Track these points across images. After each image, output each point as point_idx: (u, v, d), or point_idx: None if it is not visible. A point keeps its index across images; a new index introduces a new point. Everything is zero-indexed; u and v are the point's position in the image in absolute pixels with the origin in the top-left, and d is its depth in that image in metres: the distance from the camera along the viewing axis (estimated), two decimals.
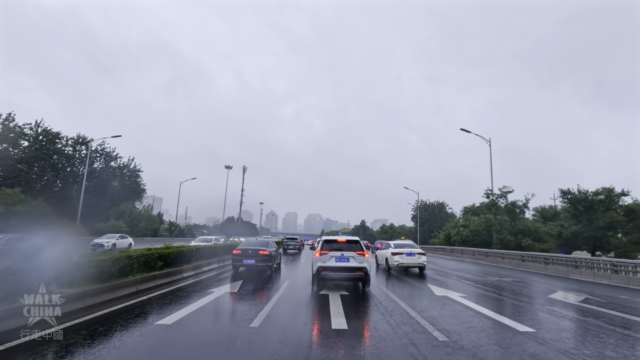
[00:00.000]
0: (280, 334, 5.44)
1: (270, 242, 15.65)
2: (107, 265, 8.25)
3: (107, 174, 47.79)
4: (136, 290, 8.49)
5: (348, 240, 10.48)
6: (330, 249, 10.12)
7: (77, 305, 6.36)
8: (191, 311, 6.84)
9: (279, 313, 6.98)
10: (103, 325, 5.62)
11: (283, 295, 8.99)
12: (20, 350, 4.42)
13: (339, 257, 9.89)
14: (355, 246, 10.27)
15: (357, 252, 10.03)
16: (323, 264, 9.82)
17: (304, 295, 9.09)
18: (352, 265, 9.81)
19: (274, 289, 9.86)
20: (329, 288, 9.98)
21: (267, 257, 13.36)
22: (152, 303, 7.56)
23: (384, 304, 8.20)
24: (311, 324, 6.22)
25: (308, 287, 10.53)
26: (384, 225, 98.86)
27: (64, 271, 6.93)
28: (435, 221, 73.10)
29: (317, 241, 12.46)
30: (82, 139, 45.43)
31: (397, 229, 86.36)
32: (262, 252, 13.42)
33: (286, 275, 13.72)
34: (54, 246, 9.47)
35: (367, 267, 9.89)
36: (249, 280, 11.70)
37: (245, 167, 78.24)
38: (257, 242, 15.12)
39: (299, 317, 6.68)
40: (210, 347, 4.78)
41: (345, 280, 10.61)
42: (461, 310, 7.72)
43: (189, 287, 9.83)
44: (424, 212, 72.25)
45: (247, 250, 13.58)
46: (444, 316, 7.05)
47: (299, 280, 12.09)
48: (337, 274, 9.79)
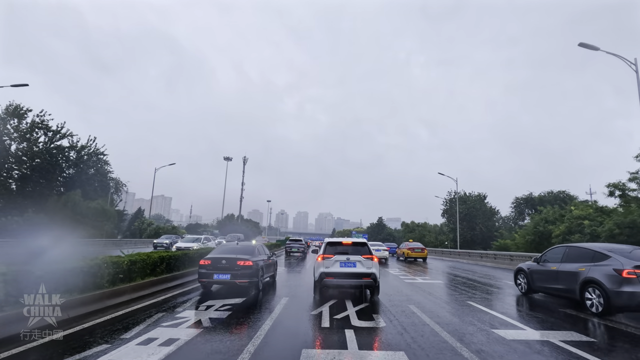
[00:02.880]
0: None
1: (257, 247, 11.25)
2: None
3: (50, 155, 38.34)
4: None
5: (354, 242, 9.41)
6: (335, 253, 9.00)
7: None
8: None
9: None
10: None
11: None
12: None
13: (344, 261, 8.80)
14: (362, 249, 9.13)
15: (364, 256, 8.89)
16: (326, 270, 8.73)
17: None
18: (359, 270, 8.73)
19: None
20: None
21: (249, 271, 9.41)
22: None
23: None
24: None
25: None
26: (411, 223, 79.35)
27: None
28: (476, 216, 58.40)
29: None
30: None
31: (428, 227, 73.39)
32: (242, 262, 9.47)
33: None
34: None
35: (376, 273, 8.76)
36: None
37: (245, 158, 71.09)
38: (237, 248, 10.81)
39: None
40: None
41: (351, 287, 9.54)
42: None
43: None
44: (462, 206, 57.45)
45: (220, 260, 9.53)
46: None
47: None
48: (342, 280, 8.71)
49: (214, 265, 9.41)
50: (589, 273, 7.86)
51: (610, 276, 7.36)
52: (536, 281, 9.89)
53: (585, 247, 8.62)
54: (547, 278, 9.37)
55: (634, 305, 7.01)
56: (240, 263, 9.47)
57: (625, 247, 8.29)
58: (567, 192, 49.59)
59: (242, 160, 70.40)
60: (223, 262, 9.45)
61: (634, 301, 6.95)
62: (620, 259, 7.48)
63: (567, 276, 8.54)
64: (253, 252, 10.44)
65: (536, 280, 9.90)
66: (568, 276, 8.51)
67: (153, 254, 9.93)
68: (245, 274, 9.37)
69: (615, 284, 7.22)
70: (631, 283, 7.05)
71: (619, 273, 7.21)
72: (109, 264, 7.75)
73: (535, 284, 9.95)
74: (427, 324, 6.44)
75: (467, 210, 58.22)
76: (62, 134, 41.13)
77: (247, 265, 9.48)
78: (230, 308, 7.47)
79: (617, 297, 7.10)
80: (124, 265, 8.30)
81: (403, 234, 75.39)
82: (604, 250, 8.02)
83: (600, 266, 7.73)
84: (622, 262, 7.35)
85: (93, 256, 7.98)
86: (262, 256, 10.89)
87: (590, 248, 8.43)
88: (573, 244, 9.36)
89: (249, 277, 9.40)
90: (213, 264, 9.44)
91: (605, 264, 7.66)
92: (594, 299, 7.63)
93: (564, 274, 8.67)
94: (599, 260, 7.91)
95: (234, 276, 9.29)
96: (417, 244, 27.51)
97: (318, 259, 9.09)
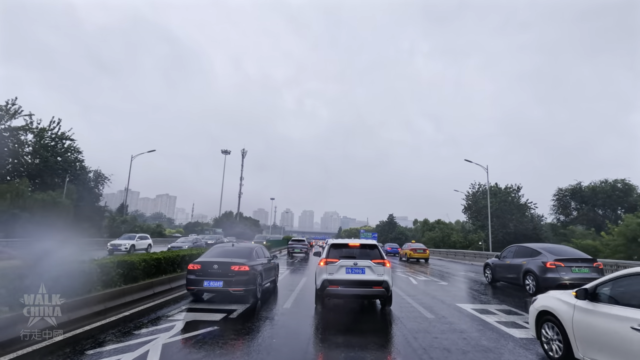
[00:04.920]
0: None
1: (255, 249, 9.78)
2: None
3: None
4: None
5: (363, 244, 8.20)
6: (340, 256, 7.84)
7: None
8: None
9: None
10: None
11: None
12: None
13: (351, 267, 7.64)
14: (372, 252, 7.98)
15: (374, 261, 7.71)
16: (330, 277, 7.55)
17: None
18: (369, 278, 7.56)
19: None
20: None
21: (245, 277, 8.26)
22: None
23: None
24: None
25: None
26: (426, 222, 68.01)
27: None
28: (507, 212, 49.17)
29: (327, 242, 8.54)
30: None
31: (450, 225, 62.83)
32: (237, 267, 8.31)
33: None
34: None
35: (389, 281, 7.60)
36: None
37: (244, 150, 68.34)
38: (232, 251, 9.39)
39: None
40: None
41: (360, 297, 8.37)
42: None
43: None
44: (491, 199, 45.95)
45: (211, 264, 8.33)
46: None
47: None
48: (348, 289, 7.47)
49: (204, 271, 8.25)
50: (527, 265, 10.83)
51: (539, 267, 10.32)
52: (497, 273, 12.83)
53: (527, 246, 11.61)
54: (503, 270, 12.33)
55: (554, 285, 9.91)
56: (234, 268, 8.29)
57: (552, 246, 11.31)
58: (627, 180, 43.78)
59: (242, 157, 67.77)
60: (215, 267, 8.27)
61: (553, 283, 9.87)
62: (547, 254, 10.44)
63: (515, 268, 11.50)
64: (250, 255, 9.17)
65: (497, 272, 12.84)
66: (516, 267, 11.47)
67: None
68: (241, 280, 8.21)
69: (542, 272, 10.18)
70: (552, 271, 10.01)
71: (545, 264, 10.17)
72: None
73: (496, 275, 12.89)
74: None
75: (497, 204, 48.62)
76: (11, 112, 34.47)
77: (242, 271, 8.31)
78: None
79: (544, 281, 10.04)
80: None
81: (420, 233, 65.64)
82: (538, 248, 11.02)
83: (534, 260, 10.70)
84: (548, 257, 10.32)
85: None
86: (261, 259, 9.65)
87: (530, 247, 11.43)
88: (521, 244, 12.36)
89: (244, 284, 8.24)
90: (203, 269, 8.27)
91: (537, 259, 10.62)
92: (530, 283, 10.60)
93: (514, 266, 11.63)
94: (534, 256, 10.88)
95: (228, 283, 8.13)
96: (420, 245, 29.91)
97: (320, 264, 7.89)
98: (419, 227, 70.94)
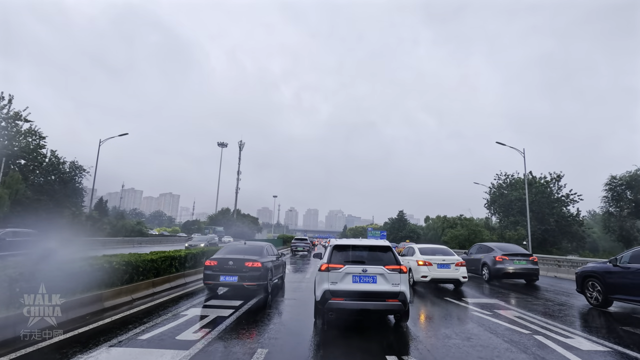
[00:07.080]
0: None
1: (266, 247, 10.61)
2: None
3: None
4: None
5: (372, 246, 6.64)
6: (345, 261, 6.31)
7: None
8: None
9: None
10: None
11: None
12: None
13: (359, 274, 6.18)
14: (385, 256, 6.44)
15: (388, 267, 6.20)
16: (332, 287, 6.07)
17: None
18: (382, 289, 6.08)
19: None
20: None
21: (258, 273, 8.91)
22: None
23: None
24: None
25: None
26: (446, 218, 59.42)
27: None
28: (546, 205, 42.51)
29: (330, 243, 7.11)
30: None
31: (475, 222, 53.61)
32: (251, 263, 8.95)
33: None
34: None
35: (406, 292, 6.11)
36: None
37: (241, 142, 65.36)
38: (245, 248, 10.20)
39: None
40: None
41: (370, 312, 6.64)
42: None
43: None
44: (523, 192, 39.70)
45: (227, 260, 9.03)
46: None
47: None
48: (356, 302, 6.02)
49: (220, 267, 8.98)
50: (484, 259, 14.06)
51: (491, 260, 13.53)
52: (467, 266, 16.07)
53: (485, 245, 14.85)
54: (470, 264, 15.54)
55: (501, 274, 13.18)
56: (248, 264, 8.99)
57: (503, 244, 14.56)
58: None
59: (240, 149, 64.37)
60: (230, 263, 9.01)
61: (501, 272, 13.10)
62: (497, 250, 13.66)
63: (477, 261, 14.73)
64: (262, 253, 9.94)
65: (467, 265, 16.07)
66: (477, 261, 14.70)
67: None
68: (254, 276, 8.90)
69: (493, 264, 13.39)
70: (500, 263, 13.22)
71: (495, 258, 13.38)
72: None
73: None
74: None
75: (532, 198, 41.29)
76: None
77: (255, 267, 9.00)
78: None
79: (494, 271, 13.25)
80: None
81: (440, 230, 57.11)
82: (492, 246, 14.28)
83: (488, 255, 13.92)
84: (497, 252, 13.54)
85: None
86: (270, 257, 10.30)
87: (487, 245, 14.69)
88: (483, 243, 15.59)
89: (257, 279, 8.91)
90: (219, 265, 9.00)
91: (491, 254, 13.84)
92: (485, 273, 13.83)
93: (476, 260, 14.85)
94: (489, 251, 14.10)
95: (242, 278, 8.86)
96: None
97: (322, 269, 6.45)
98: (436, 223, 61.11)
